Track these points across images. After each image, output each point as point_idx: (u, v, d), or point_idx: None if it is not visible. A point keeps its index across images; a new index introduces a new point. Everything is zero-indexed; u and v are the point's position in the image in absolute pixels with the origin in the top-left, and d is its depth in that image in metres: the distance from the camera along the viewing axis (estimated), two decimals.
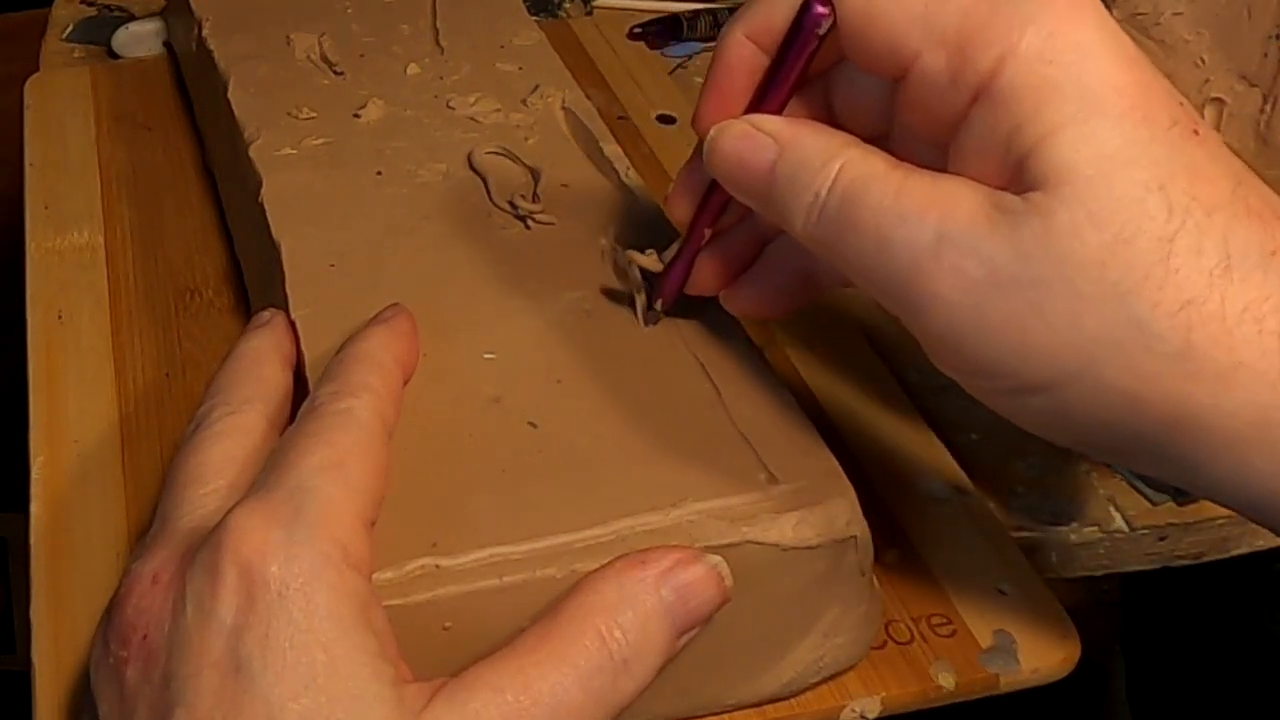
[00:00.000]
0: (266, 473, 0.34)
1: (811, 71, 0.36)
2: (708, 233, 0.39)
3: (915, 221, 0.32)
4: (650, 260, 0.41)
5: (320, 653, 0.31)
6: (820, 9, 0.34)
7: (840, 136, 0.35)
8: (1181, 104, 0.32)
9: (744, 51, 0.36)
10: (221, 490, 0.35)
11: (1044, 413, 0.32)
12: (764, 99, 0.36)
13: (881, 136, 0.36)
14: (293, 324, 0.42)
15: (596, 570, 0.34)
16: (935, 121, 0.33)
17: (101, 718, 0.33)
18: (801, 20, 0.34)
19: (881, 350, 0.50)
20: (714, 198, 0.38)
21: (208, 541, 0.32)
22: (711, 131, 0.36)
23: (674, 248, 0.40)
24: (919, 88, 0.33)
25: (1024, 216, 0.31)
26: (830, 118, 0.37)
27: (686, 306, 0.41)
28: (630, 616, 0.33)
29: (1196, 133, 0.31)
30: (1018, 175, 0.31)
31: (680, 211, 0.40)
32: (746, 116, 0.36)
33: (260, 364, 0.40)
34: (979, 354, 0.32)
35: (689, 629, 0.34)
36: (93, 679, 0.34)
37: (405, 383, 0.39)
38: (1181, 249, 0.30)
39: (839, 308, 0.51)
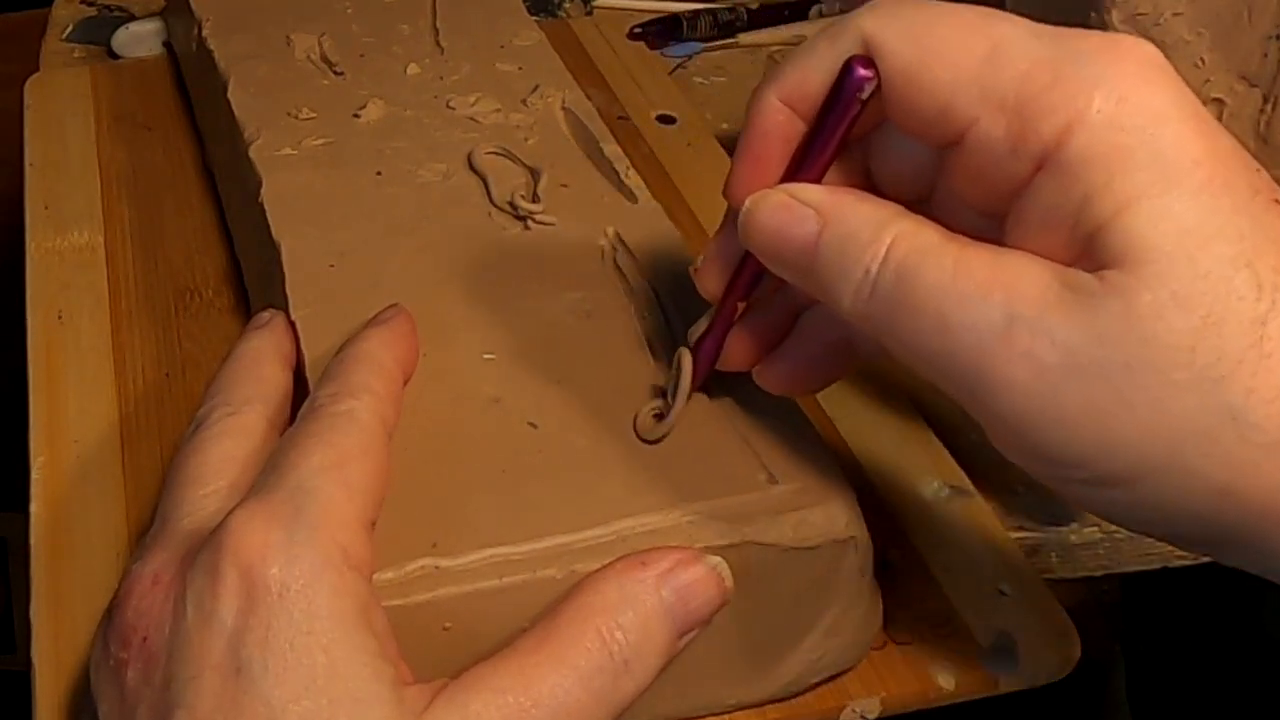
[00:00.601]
0: (266, 474, 0.34)
1: (851, 136, 0.33)
2: (740, 307, 0.37)
3: (980, 301, 0.30)
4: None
5: (321, 654, 0.31)
6: (863, 71, 0.31)
7: (889, 206, 0.32)
8: (1259, 171, 0.30)
9: (779, 117, 0.33)
10: (222, 491, 0.35)
11: (1125, 505, 0.30)
12: (801, 167, 0.33)
13: (921, 201, 0.33)
14: (293, 324, 0.42)
15: (597, 571, 0.34)
16: (990, 191, 0.31)
17: (101, 719, 0.33)
18: (843, 83, 0.32)
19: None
20: (747, 271, 0.36)
21: (208, 543, 0.32)
22: (747, 202, 0.34)
23: (703, 322, 0.38)
24: (974, 155, 0.31)
25: (1101, 298, 0.29)
26: (867, 183, 0.35)
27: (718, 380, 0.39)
28: (631, 617, 0.33)
29: (1278, 202, 0.29)
30: (1088, 250, 0.29)
31: (712, 285, 0.37)
32: (784, 186, 0.33)
33: (260, 364, 0.40)
34: (1054, 443, 0.30)
35: (689, 630, 0.34)
36: (93, 680, 0.34)
37: (405, 383, 0.39)
38: (1275, 332, 0.28)
39: None
